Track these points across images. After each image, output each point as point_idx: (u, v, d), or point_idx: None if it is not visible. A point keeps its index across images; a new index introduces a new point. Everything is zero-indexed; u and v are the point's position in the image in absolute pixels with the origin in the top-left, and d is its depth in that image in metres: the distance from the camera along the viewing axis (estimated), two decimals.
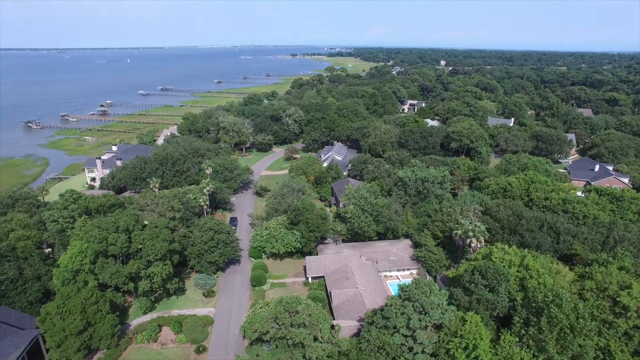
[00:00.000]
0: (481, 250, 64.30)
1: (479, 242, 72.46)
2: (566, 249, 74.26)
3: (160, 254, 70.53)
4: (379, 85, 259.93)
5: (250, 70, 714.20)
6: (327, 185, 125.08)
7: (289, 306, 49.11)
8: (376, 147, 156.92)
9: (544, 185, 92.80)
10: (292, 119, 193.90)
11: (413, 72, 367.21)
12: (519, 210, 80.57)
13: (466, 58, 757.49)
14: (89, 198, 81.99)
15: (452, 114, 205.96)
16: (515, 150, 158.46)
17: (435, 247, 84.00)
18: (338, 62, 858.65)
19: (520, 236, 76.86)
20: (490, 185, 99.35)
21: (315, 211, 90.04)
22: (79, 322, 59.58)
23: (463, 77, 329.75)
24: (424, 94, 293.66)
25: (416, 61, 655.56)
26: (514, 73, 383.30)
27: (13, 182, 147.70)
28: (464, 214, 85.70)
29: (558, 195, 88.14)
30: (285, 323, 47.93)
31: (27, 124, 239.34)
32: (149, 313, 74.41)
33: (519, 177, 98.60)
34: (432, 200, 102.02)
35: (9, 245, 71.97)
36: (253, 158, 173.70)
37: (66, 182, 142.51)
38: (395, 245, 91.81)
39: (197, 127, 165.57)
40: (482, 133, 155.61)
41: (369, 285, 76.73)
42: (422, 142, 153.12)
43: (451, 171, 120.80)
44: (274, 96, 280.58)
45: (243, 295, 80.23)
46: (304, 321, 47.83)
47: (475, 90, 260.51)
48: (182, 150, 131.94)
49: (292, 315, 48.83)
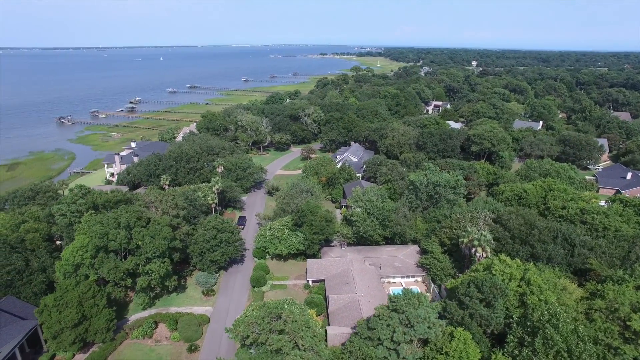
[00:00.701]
0: (483, 261, 60.93)
1: (484, 252, 68.89)
2: (581, 263, 69.51)
3: (158, 251, 71.09)
4: (403, 85, 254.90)
5: (279, 69, 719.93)
6: (338, 187, 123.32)
7: (270, 311, 47.97)
8: (393, 148, 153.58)
9: (562, 194, 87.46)
10: (310, 118, 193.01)
11: (441, 72, 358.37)
12: (531, 220, 76.14)
13: (499, 59, 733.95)
14: (97, 193, 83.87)
15: (476, 116, 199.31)
16: (540, 155, 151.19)
17: (441, 255, 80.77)
18: (367, 62, 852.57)
19: (531, 247, 72.63)
20: (504, 192, 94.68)
21: (320, 213, 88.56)
22: (74, 315, 60.69)
23: (492, 78, 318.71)
24: (450, 95, 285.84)
25: (446, 61, 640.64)
26: (547, 74, 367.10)
27: (40, 175, 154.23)
28: (474, 221, 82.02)
29: (577, 205, 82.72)
30: (264, 328, 46.84)
31: (59, 119, 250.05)
32: (148, 309, 75.20)
33: (536, 183, 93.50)
34: (443, 206, 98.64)
35: (19, 237, 74.48)
36: (270, 157, 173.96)
37: (88, 176, 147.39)
38: (402, 251, 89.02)
39: (215, 125, 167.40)
40: (504, 136, 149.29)
41: (369, 291, 74.57)
42: (441, 145, 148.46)
43: (467, 176, 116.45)
44: (296, 95, 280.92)
45: (242, 296, 79.86)
46: (284, 327, 46.57)
47: (504, 92, 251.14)
48: (197, 148, 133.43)
49: (273, 321, 47.66)
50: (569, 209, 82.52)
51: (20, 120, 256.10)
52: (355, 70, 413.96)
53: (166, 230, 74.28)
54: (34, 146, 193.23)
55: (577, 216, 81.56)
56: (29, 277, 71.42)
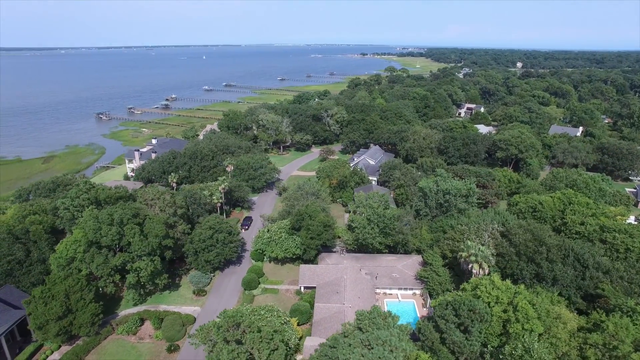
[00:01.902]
0: (472, 280, 55.99)
1: (481, 269, 63.68)
2: (592, 287, 62.64)
3: (147, 249, 71.61)
4: (434, 87, 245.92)
5: (316, 68, 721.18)
6: (349, 191, 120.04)
7: (229, 319, 46.30)
8: (414, 152, 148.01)
9: (583, 208, 79.61)
10: (334, 119, 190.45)
11: (479, 74, 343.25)
12: (540, 235, 69.63)
13: (547, 60, 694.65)
14: (100, 189, 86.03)
15: (508, 120, 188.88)
16: (574, 164, 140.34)
17: (441, 268, 75.93)
18: (406, 63, 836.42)
19: (537, 266, 66.44)
20: (519, 203, 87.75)
21: (318, 217, 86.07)
22: (58, 308, 62.07)
23: (534, 80, 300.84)
24: (485, 97, 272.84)
25: (489, 63, 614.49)
26: (596, 76, 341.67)
27: (70, 168, 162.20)
28: (479, 233, 76.51)
29: (597, 221, 74.92)
30: (220, 337, 45.26)
31: (98, 115, 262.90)
32: (139, 305, 76.06)
33: (554, 195, 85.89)
34: (453, 215, 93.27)
35: (23, 228, 77.64)
36: (289, 157, 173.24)
37: (112, 171, 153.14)
38: (403, 261, 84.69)
39: (235, 124, 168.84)
40: (533, 142, 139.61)
41: (358, 302, 71.26)
42: (464, 150, 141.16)
43: (484, 183, 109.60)
44: (325, 95, 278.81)
45: (232, 298, 79.00)
46: (242, 337, 44.78)
47: (543, 95, 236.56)
48: (212, 147, 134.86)
49: (231, 329, 45.99)
50: (587, 226, 74.87)
51: (65, 116, 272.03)
52: (390, 70, 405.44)
53: (159, 228, 74.71)
54: (71, 140, 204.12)
55: (595, 234, 73.87)
56: (29, 267, 74.27)
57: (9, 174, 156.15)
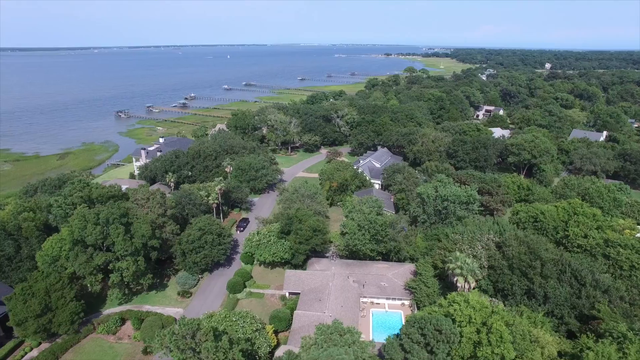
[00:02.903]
0: (450, 296, 52.60)
1: (466, 283, 60.10)
2: (588, 307, 58.02)
3: (130, 249, 71.49)
4: (450, 88, 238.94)
5: (338, 68, 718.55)
6: (349, 194, 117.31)
7: (184, 327, 44.96)
8: (422, 155, 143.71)
9: (588, 219, 74.35)
10: (344, 120, 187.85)
11: (502, 75, 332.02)
12: (537, 248, 65.29)
13: (578, 60, 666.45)
14: (93, 187, 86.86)
15: (525, 123, 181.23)
16: (593, 171, 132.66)
17: (431, 279, 72.51)
18: (430, 63, 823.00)
19: (529, 281, 62.29)
20: (519, 212, 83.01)
21: (308, 222, 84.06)
22: (37, 306, 62.60)
23: (559, 82, 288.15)
24: (506, 99, 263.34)
25: (515, 63, 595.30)
26: (628, 77, 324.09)
27: (83, 165, 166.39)
28: (472, 244, 72.70)
29: (602, 235, 69.72)
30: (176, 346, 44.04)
31: (117, 113, 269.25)
32: (124, 305, 76.27)
33: (559, 205, 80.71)
34: (452, 222, 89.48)
35: (16, 224, 79.07)
36: (297, 158, 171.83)
37: (121, 168, 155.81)
38: (394, 270, 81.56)
39: (243, 124, 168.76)
40: (548, 147, 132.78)
41: (340, 311, 68.87)
42: (473, 154, 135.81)
43: (488, 190, 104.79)
44: (340, 95, 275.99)
45: (217, 301, 78.11)
46: (197, 347, 43.40)
47: (567, 97, 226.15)
48: (216, 147, 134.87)
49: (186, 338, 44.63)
50: (590, 239, 69.78)
51: (87, 113, 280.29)
52: (409, 71, 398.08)
53: (144, 228, 74.58)
54: (88, 137, 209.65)
55: (599, 248, 68.72)
56: (18, 263, 75.60)
57: (26, 170, 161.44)
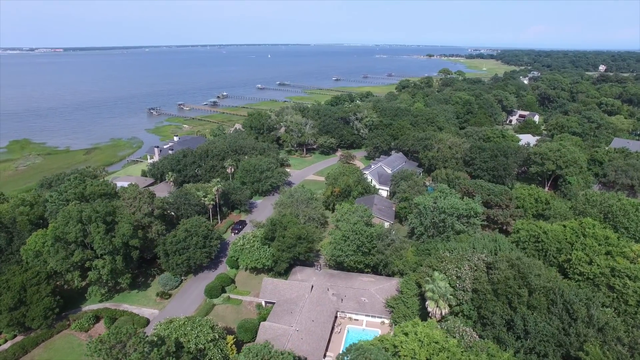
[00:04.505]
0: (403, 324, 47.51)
1: (438, 308, 54.70)
2: (576, 347, 50.89)
3: (108, 248, 71.83)
4: (481, 91, 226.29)
5: (376, 69, 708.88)
6: (351, 200, 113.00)
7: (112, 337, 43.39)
8: (437, 162, 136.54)
9: (597, 243, 65.93)
10: (363, 123, 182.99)
11: (543, 78, 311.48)
12: (527, 273, 58.47)
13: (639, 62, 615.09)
14: (88, 184, 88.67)
15: (558, 130, 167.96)
16: (629, 185, 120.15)
17: (412, 298, 67.44)
18: (473, 65, 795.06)
19: (513, 310, 55.83)
20: (520, 231, 75.38)
21: (292, 229, 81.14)
22: (10, 299, 64.13)
23: (607, 86, 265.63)
24: (544, 104, 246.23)
25: (565, 65, 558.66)
26: None
27: (106, 160, 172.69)
28: (460, 263, 66.65)
29: (610, 262, 61.41)
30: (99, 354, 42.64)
31: (150, 110, 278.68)
32: (104, 302, 76.97)
33: (567, 224, 72.41)
34: (449, 237, 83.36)
35: (12, 217, 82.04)
36: (311, 160, 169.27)
37: (138, 165, 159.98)
38: (379, 285, 76.80)
39: (257, 124, 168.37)
40: (576, 157, 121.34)
41: (310, 326, 65.44)
42: (492, 163, 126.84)
43: (497, 202, 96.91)
44: (367, 96, 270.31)
45: (193, 305, 77.01)
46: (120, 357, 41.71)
47: (612, 103, 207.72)
48: (225, 147, 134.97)
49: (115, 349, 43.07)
50: (595, 266, 61.71)
51: (122, 110, 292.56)
52: (444, 72, 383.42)
53: (125, 227, 74.80)
54: (117, 133, 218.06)
55: (603, 278, 60.56)
56: (9, 255, 78.19)
57: (55, 163, 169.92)
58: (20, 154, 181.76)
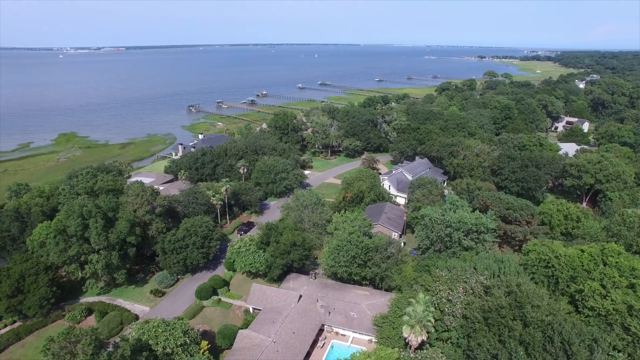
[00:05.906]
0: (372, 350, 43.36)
1: (414, 335, 50.00)
2: None
3: (104, 244, 73.44)
4: (523, 95, 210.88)
5: (422, 70, 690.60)
6: (363, 207, 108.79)
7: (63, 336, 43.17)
8: (462, 170, 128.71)
9: (620, 275, 57.59)
10: (391, 126, 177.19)
11: (601, 81, 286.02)
12: (524, 303, 52.19)
13: None
14: (99, 179, 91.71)
15: (607, 140, 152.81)
16: None
17: (399, 318, 62.71)
18: (527, 67, 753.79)
19: (502, 344, 49.93)
20: (530, 252, 67.89)
21: (287, 235, 78.87)
22: (8, 287, 67.18)
23: None
24: (597, 110, 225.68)
25: (632, 67, 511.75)
26: None
27: (138, 155, 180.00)
28: (453, 284, 61.25)
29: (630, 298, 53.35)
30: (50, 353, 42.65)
31: (189, 107, 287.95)
32: (102, 295, 78.95)
33: (587, 249, 64.17)
34: (455, 253, 77.57)
35: (27, 208, 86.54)
36: (335, 162, 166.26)
37: (165, 161, 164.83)
38: (372, 300, 72.60)
39: (282, 125, 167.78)
40: (619, 171, 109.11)
41: (288, 338, 62.82)
42: (521, 173, 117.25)
43: (516, 218, 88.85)
44: (403, 98, 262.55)
45: (184, 305, 76.88)
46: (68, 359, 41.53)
47: None
48: (243, 147, 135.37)
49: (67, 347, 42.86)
50: (609, 301, 53.88)
51: (164, 107, 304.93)
52: (489, 75, 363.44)
53: (122, 224, 76.23)
54: (154, 129, 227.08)
55: (617, 315, 52.68)
56: (20, 244, 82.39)
57: (92, 156, 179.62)
58: (64, 146, 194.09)
